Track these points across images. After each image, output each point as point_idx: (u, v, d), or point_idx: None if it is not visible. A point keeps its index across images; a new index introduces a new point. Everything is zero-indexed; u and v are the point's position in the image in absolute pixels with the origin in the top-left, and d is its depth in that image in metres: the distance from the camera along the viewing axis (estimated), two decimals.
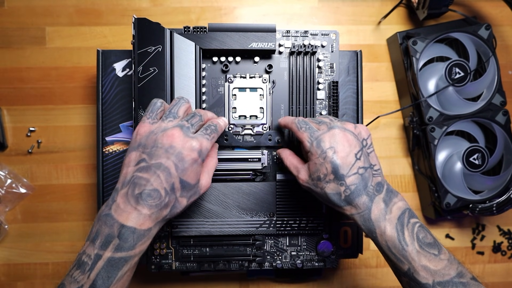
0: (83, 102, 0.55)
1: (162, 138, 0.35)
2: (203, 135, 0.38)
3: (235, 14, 0.57)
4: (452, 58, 0.53)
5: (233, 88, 0.47)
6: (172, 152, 0.35)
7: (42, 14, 0.55)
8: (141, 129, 0.37)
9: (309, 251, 0.48)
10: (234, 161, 0.46)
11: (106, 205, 0.35)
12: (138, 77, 0.43)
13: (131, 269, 0.35)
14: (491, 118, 0.53)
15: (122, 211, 0.34)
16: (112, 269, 0.33)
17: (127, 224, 0.33)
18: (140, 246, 0.34)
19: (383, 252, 0.37)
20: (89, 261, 0.33)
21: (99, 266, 0.33)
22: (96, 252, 0.33)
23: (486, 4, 0.60)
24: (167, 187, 0.35)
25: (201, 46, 0.45)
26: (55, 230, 0.55)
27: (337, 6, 0.59)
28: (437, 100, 0.54)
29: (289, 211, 0.46)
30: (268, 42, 0.45)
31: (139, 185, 0.34)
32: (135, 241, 0.34)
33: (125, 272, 0.34)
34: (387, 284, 0.58)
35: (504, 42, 0.60)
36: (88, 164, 0.55)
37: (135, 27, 0.43)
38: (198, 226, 0.45)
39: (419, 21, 0.57)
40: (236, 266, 0.47)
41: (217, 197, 0.45)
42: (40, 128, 0.55)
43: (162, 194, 0.35)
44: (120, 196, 0.35)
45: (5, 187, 0.53)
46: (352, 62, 0.50)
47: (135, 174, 0.35)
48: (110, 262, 0.33)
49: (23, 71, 0.55)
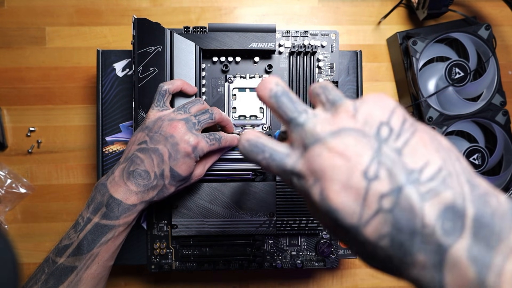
0: (83, 102, 0.55)
1: (166, 126, 0.38)
2: (204, 137, 0.39)
3: (235, 14, 0.57)
4: (452, 58, 0.53)
5: (233, 88, 0.47)
6: (170, 141, 0.37)
7: (42, 14, 0.55)
8: (150, 114, 0.40)
9: (309, 251, 0.48)
10: (234, 161, 0.46)
11: (106, 176, 0.39)
12: (138, 77, 0.43)
13: (116, 237, 0.37)
14: (491, 118, 0.53)
15: (115, 184, 0.37)
16: (98, 233, 0.36)
17: (115, 196, 0.36)
18: (124, 218, 0.37)
19: None
20: (82, 223, 0.36)
21: (87, 228, 0.36)
22: (88, 216, 0.36)
23: (486, 4, 0.60)
24: (157, 171, 0.37)
25: (201, 46, 0.45)
26: (55, 230, 0.55)
27: (337, 6, 0.58)
28: (437, 100, 0.54)
29: (289, 211, 0.46)
30: (268, 42, 0.45)
31: (135, 164, 0.37)
32: (119, 212, 0.36)
33: (109, 238, 0.36)
34: (387, 284, 0.58)
35: (504, 42, 0.60)
36: (88, 164, 0.55)
37: (135, 27, 0.43)
38: (198, 226, 0.45)
39: (419, 21, 0.57)
40: (236, 266, 0.47)
41: (217, 197, 0.45)
42: (40, 128, 0.55)
43: (151, 177, 0.37)
44: (118, 170, 0.38)
45: (5, 187, 0.53)
46: (352, 62, 0.50)
47: (135, 153, 0.38)
48: (96, 227, 0.36)
49: (23, 71, 0.55)
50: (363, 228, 0.19)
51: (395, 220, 0.18)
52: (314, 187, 0.20)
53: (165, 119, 0.39)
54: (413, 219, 0.18)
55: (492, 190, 0.19)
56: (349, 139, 0.20)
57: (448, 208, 0.18)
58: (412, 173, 0.18)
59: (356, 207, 0.19)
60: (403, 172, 0.18)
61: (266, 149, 0.23)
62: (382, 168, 0.19)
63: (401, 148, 0.19)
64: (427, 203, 0.18)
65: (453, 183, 0.18)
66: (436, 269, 0.17)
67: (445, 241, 0.17)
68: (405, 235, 0.18)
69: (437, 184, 0.18)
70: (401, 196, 0.18)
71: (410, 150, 0.19)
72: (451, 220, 0.17)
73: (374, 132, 0.20)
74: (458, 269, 0.17)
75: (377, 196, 0.18)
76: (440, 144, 0.20)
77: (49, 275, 0.35)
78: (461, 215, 0.17)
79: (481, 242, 0.17)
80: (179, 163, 0.37)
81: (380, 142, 0.20)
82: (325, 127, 0.21)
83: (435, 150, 0.19)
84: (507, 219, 0.17)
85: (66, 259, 0.35)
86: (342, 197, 0.19)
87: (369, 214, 0.18)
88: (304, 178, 0.21)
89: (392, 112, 0.20)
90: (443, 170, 0.19)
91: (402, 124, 0.20)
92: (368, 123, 0.20)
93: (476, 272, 0.16)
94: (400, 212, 0.18)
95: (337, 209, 0.19)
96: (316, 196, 0.20)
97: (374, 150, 0.19)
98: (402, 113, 0.20)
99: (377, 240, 0.19)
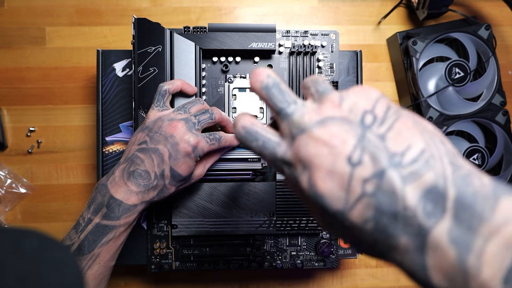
0: (83, 102, 0.55)
1: (166, 126, 0.38)
2: (204, 137, 0.39)
3: (235, 14, 0.57)
4: (452, 58, 0.53)
5: (233, 88, 0.47)
6: (170, 141, 0.37)
7: (42, 14, 0.55)
8: (150, 114, 0.40)
9: (309, 251, 0.48)
10: (234, 161, 0.46)
11: (106, 176, 0.39)
12: (138, 77, 0.43)
13: (117, 238, 0.37)
14: (491, 118, 0.53)
15: (116, 184, 0.37)
16: (99, 234, 0.36)
17: (115, 196, 0.36)
18: (124, 218, 0.37)
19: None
20: (83, 223, 0.37)
21: (88, 229, 0.36)
22: (89, 216, 0.37)
23: (486, 4, 0.60)
24: (158, 171, 0.37)
25: (201, 46, 0.45)
26: (55, 230, 0.55)
27: (337, 6, 0.59)
28: (437, 100, 0.54)
29: (289, 211, 0.46)
30: (268, 42, 0.45)
31: (135, 164, 0.37)
32: (120, 213, 0.36)
33: (110, 239, 0.37)
34: (387, 284, 0.58)
35: (504, 42, 0.60)
36: (88, 164, 0.55)
37: (135, 27, 0.43)
38: (198, 226, 0.45)
39: (419, 21, 0.57)
40: (236, 266, 0.47)
41: (217, 197, 0.45)
42: (40, 128, 0.55)
43: (152, 177, 0.37)
44: (118, 170, 0.38)
45: (5, 187, 0.53)
46: (352, 62, 0.50)
47: (135, 153, 0.38)
48: (97, 227, 0.36)
49: (23, 71, 0.55)
50: (349, 213, 0.19)
51: (378, 204, 0.18)
52: (302, 175, 0.21)
53: (165, 119, 0.39)
54: (395, 202, 0.18)
55: (476, 171, 0.18)
56: (334, 127, 0.20)
57: (429, 189, 0.17)
58: (394, 156, 0.19)
59: (341, 193, 0.19)
60: (385, 156, 0.19)
61: (259, 137, 0.23)
62: (365, 154, 0.19)
63: (384, 134, 0.19)
64: (408, 185, 0.18)
65: (436, 165, 0.18)
66: (419, 252, 0.17)
67: (426, 224, 0.17)
68: (388, 218, 0.18)
69: (419, 167, 0.18)
70: (383, 180, 0.18)
71: (393, 135, 0.19)
72: (433, 202, 0.17)
73: (358, 119, 0.20)
74: (440, 251, 0.17)
75: (361, 180, 0.19)
76: (425, 127, 0.20)
77: None
78: (442, 197, 0.17)
79: (462, 223, 0.17)
80: (179, 163, 0.37)
81: (364, 129, 0.20)
82: (312, 116, 0.21)
83: (418, 133, 0.19)
84: (489, 199, 0.17)
85: None
86: (328, 183, 0.19)
87: (353, 199, 0.19)
88: (294, 167, 0.22)
89: (376, 101, 0.21)
90: (426, 152, 0.19)
91: (386, 112, 0.20)
92: (353, 111, 0.21)
93: (457, 254, 0.16)
94: (382, 196, 0.18)
95: (323, 195, 0.20)
96: (304, 184, 0.21)
97: (358, 137, 0.19)
98: (386, 102, 0.21)
99: (362, 224, 0.19)
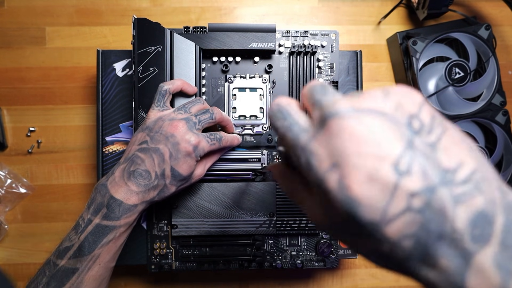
0: (83, 102, 0.55)
1: (167, 126, 0.38)
2: (205, 136, 0.39)
3: (235, 14, 0.57)
4: (452, 58, 0.53)
5: (233, 88, 0.47)
6: (171, 141, 0.37)
7: (42, 14, 0.55)
8: (151, 114, 0.40)
9: (309, 251, 0.48)
10: (234, 161, 0.46)
11: (106, 176, 0.38)
12: (138, 77, 0.43)
13: (117, 238, 0.37)
14: (491, 118, 0.53)
15: (116, 184, 0.37)
16: (99, 234, 0.36)
17: (116, 196, 0.36)
18: (125, 218, 0.37)
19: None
20: (82, 224, 0.36)
21: (88, 229, 0.36)
22: (89, 217, 0.36)
23: (486, 4, 0.60)
24: (158, 171, 0.37)
25: (201, 46, 0.45)
26: (55, 230, 0.55)
27: (337, 6, 0.58)
28: (437, 100, 0.54)
29: (289, 211, 0.46)
30: (268, 42, 0.45)
31: (135, 164, 0.37)
32: (120, 213, 0.36)
33: (110, 239, 0.36)
34: (387, 284, 0.58)
35: (504, 42, 0.60)
36: (88, 164, 0.55)
37: (135, 27, 0.43)
38: (198, 226, 0.45)
39: (419, 21, 0.57)
40: (236, 266, 0.47)
41: (217, 197, 0.45)
42: (40, 128, 0.55)
43: (152, 177, 0.37)
44: (118, 170, 0.38)
45: (5, 187, 0.53)
46: (352, 62, 0.50)
47: (136, 153, 0.38)
48: (97, 228, 0.36)
49: (23, 71, 0.55)
50: (385, 226, 0.17)
51: (425, 222, 0.17)
52: (330, 173, 0.18)
53: (166, 119, 0.39)
54: (443, 222, 0.17)
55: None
56: (377, 122, 0.17)
57: (479, 214, 0.17)
58: (446, 173, 0.17)
59: (380, 203, 0.17)
60: (437, 170, 0.17)
61: (288, 117, 0.21)
62: (415, 163, 0.17)
63: (434, 144, 0.18)
64: (459, 207, 0.17)
65: (486, 188, 0.17)
66: (459, 274, 0.17)
67: (472, 248, 0.16)
68: (432, 238, 0.17)
69: (470, 188, 0.17)
70: (434, 197, 0.16)
71: (444, 148, 0.18)
72: (481, 227, 0.16)
73: (405, 121, 0.18)
74: (483, 274, 0.16)
75: (407, 193, 0.16)
76: (471, 146, 0.18)
77: (51, 278, 0.35)
78: (490, 222, 0.17)
79: (508, 249, 0.16)
80: (180, 162, 0.37)
81: (412, 134, 0.17)
82: (348, 103, 0.18)
83: (468, 150, 0.18)
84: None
85: (68, 261, 0.35)
86: (366, 189, 0.17)
87: (394, 212, 0.17)
88: (317, 160, 0.18)
89: (421, 106, 0.19)
90: (477, 173, 0.17)
91: (432, 120, 0.18)
92: (399, 111, 0.18)
93: (501, 278, 0.16)
94: (431, 214, 0.17)
95: (358, 202, 0.17)
96: (333, 184, 0.17)
97: (406, 141, 0.17)
98: (430, 109, 0.19)
99: (399, 240, 0.17)
